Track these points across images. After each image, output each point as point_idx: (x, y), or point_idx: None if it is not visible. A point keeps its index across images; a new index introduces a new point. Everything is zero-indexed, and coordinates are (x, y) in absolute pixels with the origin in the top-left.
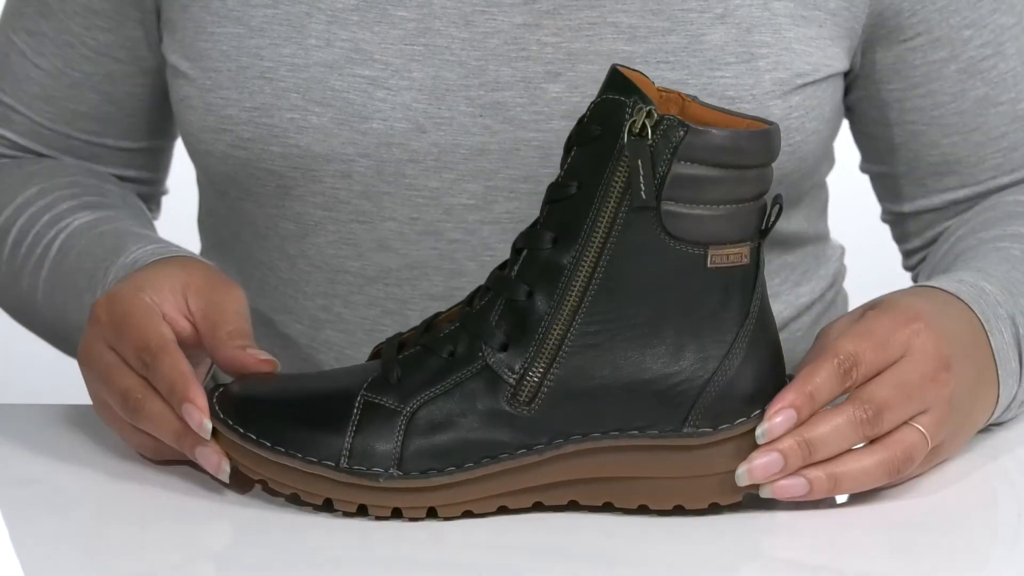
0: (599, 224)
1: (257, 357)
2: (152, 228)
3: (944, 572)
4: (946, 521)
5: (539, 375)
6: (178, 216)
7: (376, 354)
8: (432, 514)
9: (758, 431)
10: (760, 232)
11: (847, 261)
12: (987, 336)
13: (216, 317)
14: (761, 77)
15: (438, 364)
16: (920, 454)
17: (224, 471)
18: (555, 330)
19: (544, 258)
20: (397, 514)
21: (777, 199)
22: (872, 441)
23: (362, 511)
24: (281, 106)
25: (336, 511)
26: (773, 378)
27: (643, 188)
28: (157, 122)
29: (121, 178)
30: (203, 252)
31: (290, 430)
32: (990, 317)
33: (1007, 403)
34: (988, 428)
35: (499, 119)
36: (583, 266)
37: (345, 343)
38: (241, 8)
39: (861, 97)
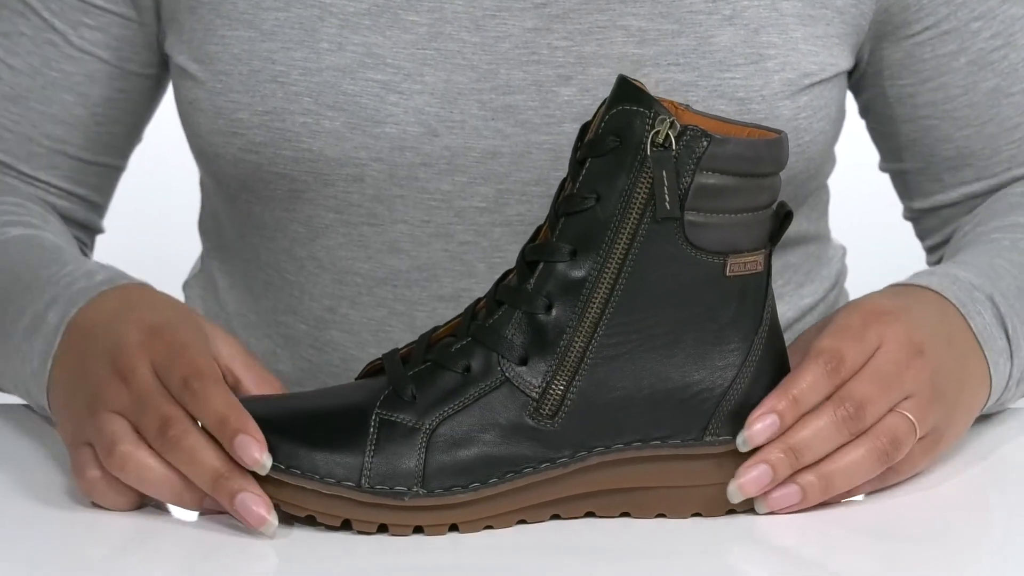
0: (621, 236)
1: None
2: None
3: (935, 572)
4: (938, 521)
5: (562, 388)
6: (178, 220)
7: (368, 372)
8: (453, 531)
9: (739, 439)
10: (771, 239)
11: (848, 261)
12: (966, 320)
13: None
14: (770, 78)
15: (454, 380)
16: (907, 437)
17: (271, 525)
18: (577, 343)
19: (563, 271)
20: (419, 532)
21: (785, 205)
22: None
23: (382, 531)
24: (293, 110)
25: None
26: None
27: (667, 199)
28: (121, 137)
29: (70, 194)
30: (205, 254)
31: (303, 451)
32: (966, 302)
33: (1003, 384)
34: (986, 423)
35: (511, 122)
36: (605, 278)
37: (350, 344)
38: (252, 11)
39: (873, 95)
